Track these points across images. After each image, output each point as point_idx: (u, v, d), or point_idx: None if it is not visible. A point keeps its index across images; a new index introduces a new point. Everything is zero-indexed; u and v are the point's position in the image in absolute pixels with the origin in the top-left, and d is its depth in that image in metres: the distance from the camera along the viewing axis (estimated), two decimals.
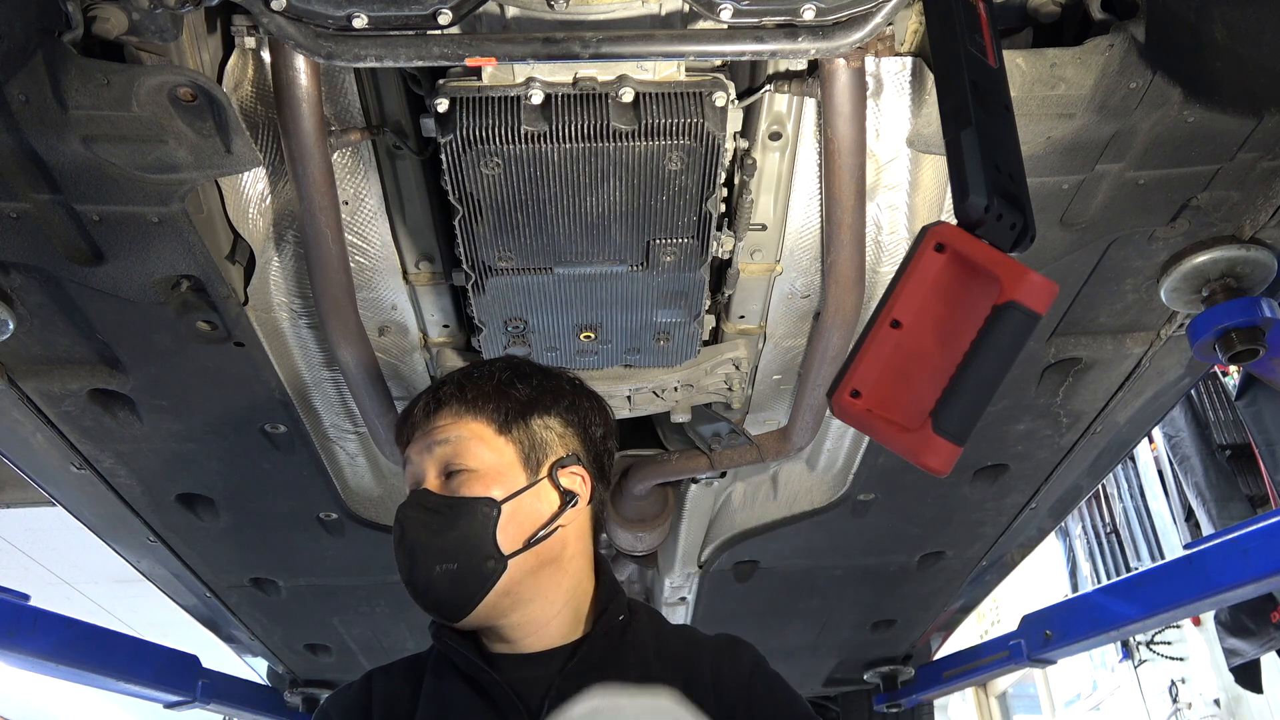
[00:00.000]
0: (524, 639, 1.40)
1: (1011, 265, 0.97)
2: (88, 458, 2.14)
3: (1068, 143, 1.51)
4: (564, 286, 1.70)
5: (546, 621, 1.40)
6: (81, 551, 6.36)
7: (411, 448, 1.46)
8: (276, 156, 1.57)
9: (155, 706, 3.21)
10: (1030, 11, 1.46)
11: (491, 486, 1.39)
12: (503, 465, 1.41)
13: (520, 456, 1.42)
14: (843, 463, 2.47)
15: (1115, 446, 2.42)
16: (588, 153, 1.43)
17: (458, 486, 1.39)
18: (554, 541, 1.41)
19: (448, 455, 1.41)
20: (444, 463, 1.42)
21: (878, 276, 1.78)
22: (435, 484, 1.42)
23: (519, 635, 1.40)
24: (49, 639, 2.59)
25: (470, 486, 1.39)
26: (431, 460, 1.42)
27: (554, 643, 1.40)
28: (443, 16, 1.24)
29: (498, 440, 1.42)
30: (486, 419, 1.43)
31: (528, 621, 1.39)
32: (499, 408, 1.44)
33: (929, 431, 0.97)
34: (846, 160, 1.52)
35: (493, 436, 1.42)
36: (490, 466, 1.40)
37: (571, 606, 1.43)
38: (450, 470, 1.41)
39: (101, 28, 1.27)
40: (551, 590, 1.41)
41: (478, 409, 1.43)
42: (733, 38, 1.30)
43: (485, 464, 1.40)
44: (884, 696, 3.84)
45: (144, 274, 1.63)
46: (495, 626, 1.39)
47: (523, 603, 1.38)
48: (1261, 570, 2.25)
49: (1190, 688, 6.61)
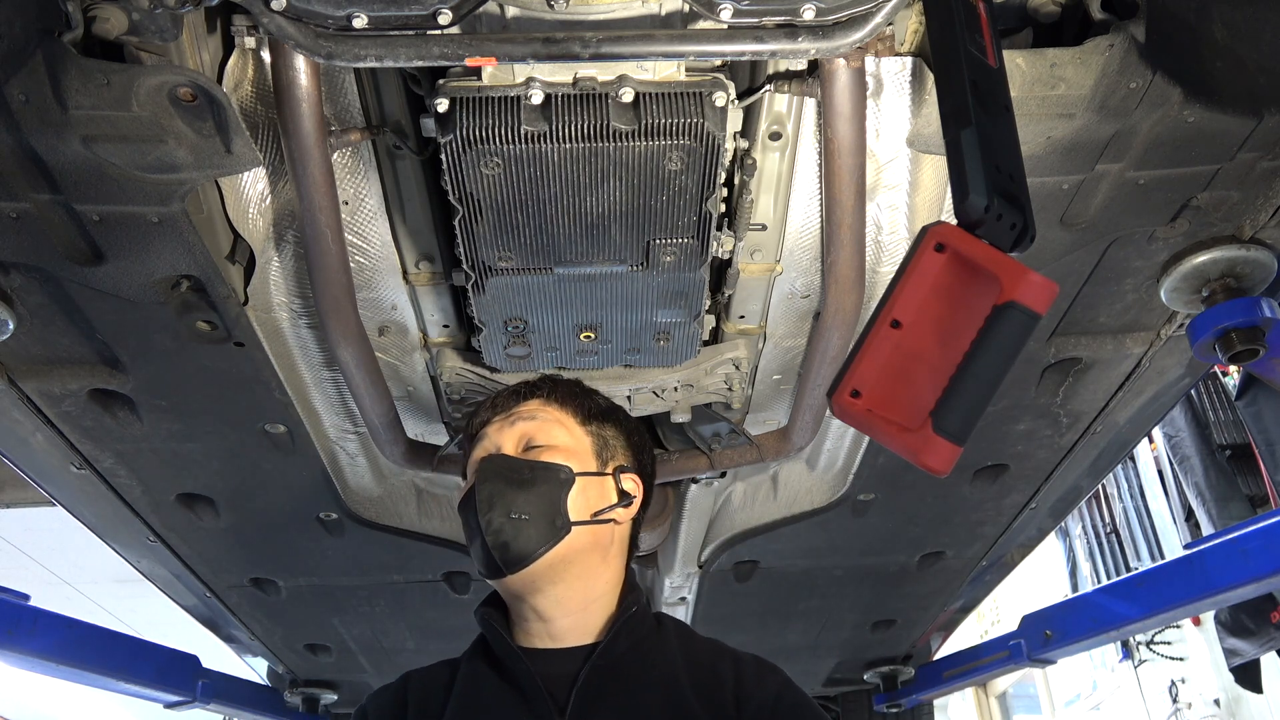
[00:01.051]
0: (559, 619, 1.46)
1: (1011, 265, 0.97)
2: (88, 458, 2.14)
3: (1068, 143, 1.51)
4: (564, 286, 1.70)
5: (584, 606, 1.47)
6: (81, 551, 6.36)
7: (489, 426, 1.55)
8: (276, 156, 1.57)
9: (155, 706, 3.21)
10: (1030, 11, 1.46)
11: (568, 460, 1.50)
12: (578, 449, 1.53)
13: (593, 449, 1.54)
14: (843, 463, 2.47)
15: (1115, 446, 2.42)
16: (588, 153, 1.43)
17: (535, 456, 1.50)
18: (605, 531, 1.50)
19: (530, 431, 1.52)
20: (525, 437, 1.52)
21: (878, 276, 1.78)
22: (513, 452, 1.51)
23: (555, 614, 1.46)
24: (49, 639, 2.59)
25: (549, 456, 1.49)
26: (512, 433, 1.52)
27: (582, 639, 1.47)
28: (443, 16, 1.24)
29: (578, 429, 1.55)
30: (572, 410, 1.56)
31: (568, 599, 1.46)
32: (583, 405, 1.58)
33: (929, 431, 0.97)
34: (846, 160, 1.52)
35: (574, 425, 1.55)
36: (568, 447, 1.52)
37: (604, 602, 1.50)
38: (530, 445, 1.51)
39: (101, 28, 1.27)
40: (594, 575, 1.49)
41: (564, 401, 1.57)
42: (733, 38, 1.30)
43: (563, 444, 1.52)
44: (884, 696, 3.84)
45: (144, 274, 1.63)
46: (539, 594, 1.45)
47: (570, 576, 1.46)
48: (1261, 570, 2.25)
49: (1190, 688, 6.61)
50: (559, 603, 1.46)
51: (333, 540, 2.55)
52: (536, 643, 1.47)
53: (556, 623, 1.47)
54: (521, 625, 1.49)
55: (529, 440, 1.52)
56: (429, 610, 3.07)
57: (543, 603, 1.46)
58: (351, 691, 3.77)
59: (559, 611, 1.46)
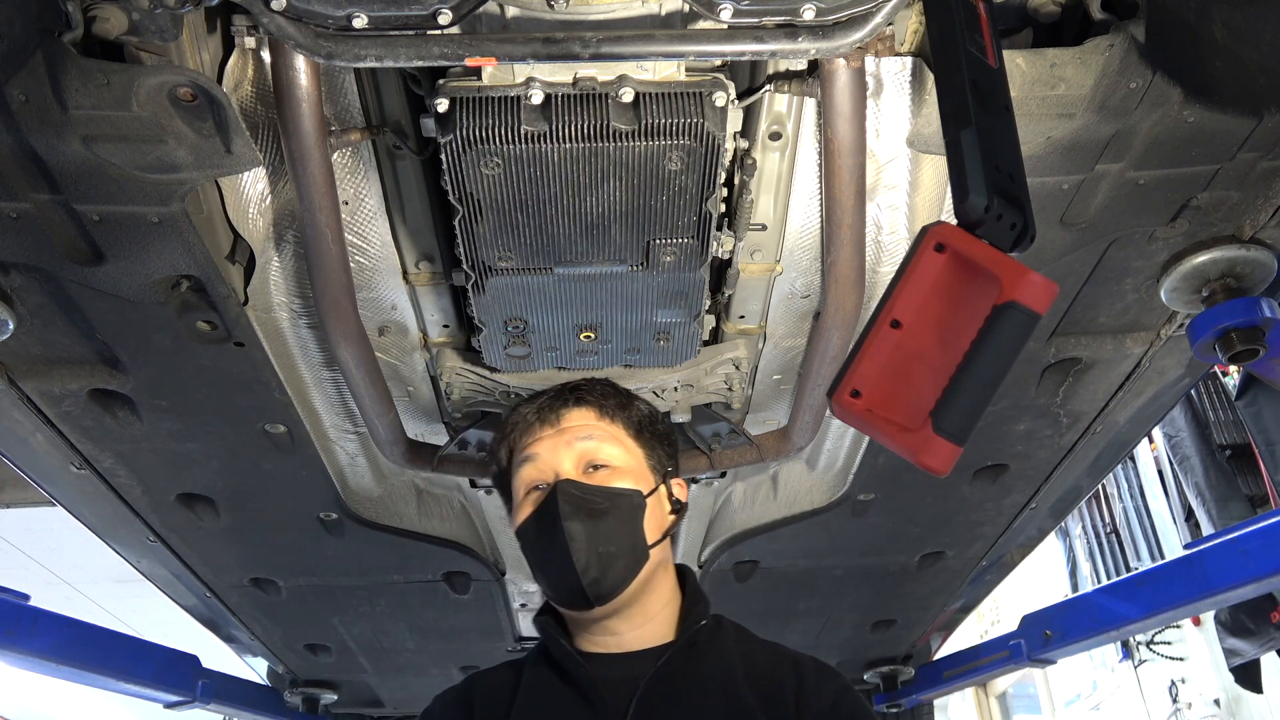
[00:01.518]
0: (627, 633, 1.49)
1: (1011, 265, 0.97)
2: (88, 458, 2.14)
3: (1068, 143, 1.51)
4: (564, 286, 1.70)
5: (654, 615, 1.50)
6: (81, 551, 6.36)
7: (542, 443, 1.54)
8: (276, 156, 1.57)
9: (155, 706, 3.21)
10: (1030, 11, 1.46)
11: (636, 482, 1.51)
12: (636, 466, 1.54)
13: (646, 461, 1.55)
14: (843, 463, 2.47)
15: (1115, 446, 2.42)
16: (588, 153, 1.43)
17: (603, 480, 1.50)
18: (668, 545, 1.54)
19: (590, 451, 1.52)
20: (586, 458, 1.52)
21: (878, 276, 1.78)
22: (578, 476, 1.50)
23: (625, 628, 1.49)
24: (49, 639, 2.59)
25: (616, 480, 1.50)
26: (571, 454, 1.52)
27: (646, 644, 1.49)
28: (443, 16, 1.24)
29: (631, 443, 1.56)
30: (622, 423, 1.57)
31: (640, 613, 1.49)
32: (632, 416, 1.58)
33: (929, 431, 0.97)
34: (846, 160, 1.52)
35: (627, 439, 1.56)
36: (628, 465, 1.53)
37: (670, 608, 1.53)
38: (593, 464, 1.51)
39: (101, 28, 1.27)
40: (662, 586, 1.53)
41: (614, 414, 1.57)
42: (733, 38, 1.30)
43: (624, 463, 1.53)
44: (884, 696, 3.84)
45: (144, 274, 1.63)
46: (616, 617, 1.47)
47: (647, 593, 1.49)
48: (1261, 570, 2.25)
49: (1190, 688, 6.61)
50: (630, 618, 1.49)
51: (333, 540, 2.55)
52: (599, 648, 1.49)
53: (625, 635, 1.49)
54: (586, 633, 1.51)
55: (590, 461, 1.51)
56: (429, 610, 3.07)
57: (616, 622, 1.49)
58: (351, 691, 3.77)
59: (629, 625, 1.49)
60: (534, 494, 1.52)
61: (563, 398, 1.58)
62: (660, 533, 1.51)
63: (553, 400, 1.59)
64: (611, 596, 1.44)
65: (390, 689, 3.77)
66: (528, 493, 1.53)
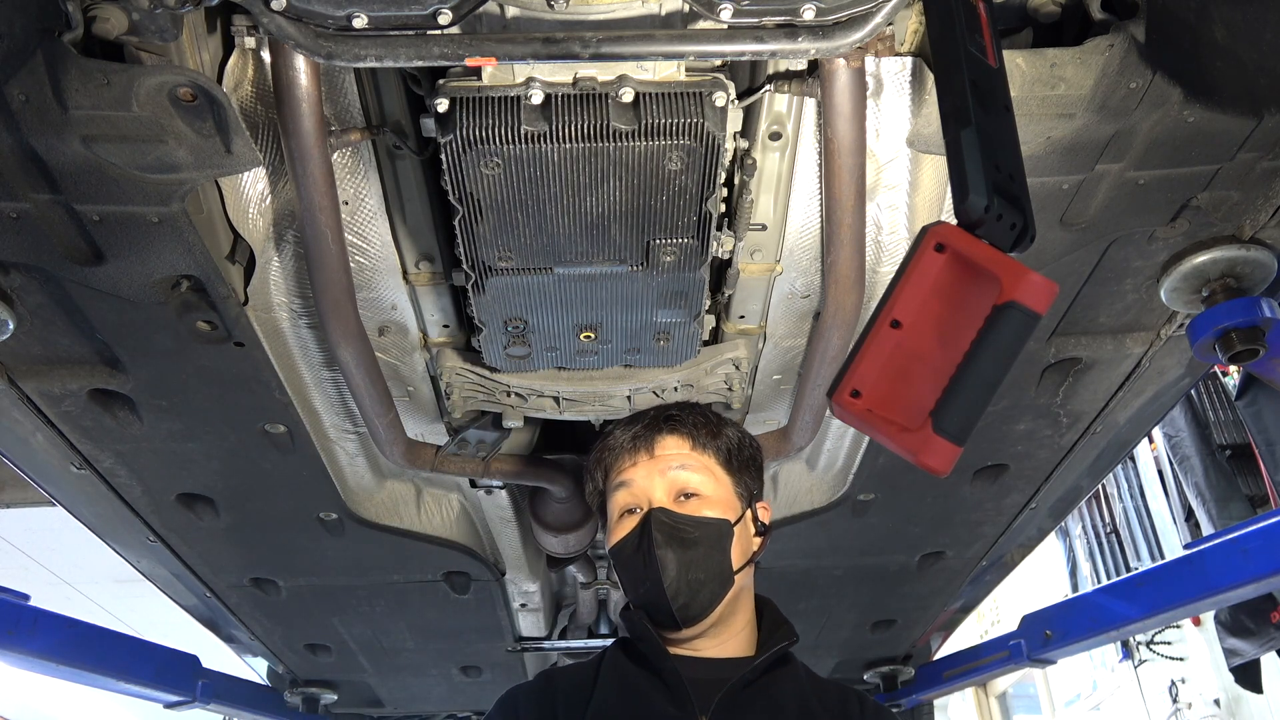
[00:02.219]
0: (707, 647, 1.56)
1: (1011, 265, 0.97)
2: (88, 458, 2.14)
3: (1068, 143, 1.51)
4: (564, 286, 1.70)
5: (735, 634, 1.58)
6: (81, 551, 6.35)
7: (637, 469, 1.60)
8: (276, 156, 1.57)
9: (155, 706, 3.21)
10: (1030, 11, 1.46)
11: (724, 511, 1.57)
12: (726, 495, 1.60)
13: (735, 490, 1.62)
14: (843, 463, 2.47)
15: (1115, 446, 2.42)
16: (588, 153, 1.43)
17: (694, 509, 1.56)
18: (751, 569, 1.61)
19: (682, 480, 1.59)
20: (678, 487, 1.58)
21: (878, 276, 1.78)
22: (670, 505, 1.57)
23: (706, 644, 1.56)
24: (49, 639, 2.59)
25: (706, 509, 1.56)
26: (664, 482, 1.58)
27: (724, 654, 1.57)
28: (443, 16, 1.24)
29: (722, 473, 1.61)
30: (714, 454, 1.62)
31: (723, 631, 1.57)
32: (722, 447, 1.63)
33: (929, 431, 0.97)
34: (846, 160, 1.52)
35: (718, 469, 1.62)
36: (718, 495, 1.59)
37: (750, 629, 1.61)
38: (685, 493, 1.58)
39: (101, 28, 1.27)
40: (744, 608, 1.61)
41: (706, 444, 1.62)
42: (733, 38, 1.30)
43: (714, 492, 1.59)
44: (884, 696, 3.84)
45: (144, 274, 1.63)
46: (700, 635, 1.55)
47: (729, 615, 1.57)
48: (1261, 570, 2.25)
49: (1190, 688, 6.60)
50: (714, 634, 1.56)
51: (333, 540, 2.55)
52: (687, 652, 1.56)
53: (705, 648, 1.57)
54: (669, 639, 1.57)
55: (681, 490, 1.58)
56: (429, 610, 3.07)
57: (699, 640, 1.56)
58: (351, 691, 3.77)
59: (712, 641, 1.57)
60: (628, 518, 1.59)
61: (657, 425, 1.64)
62: (745, 558, 1.58)
63: (647, 428, 1.64)
64: (698, 620, 1.52)
65: (390, 689, 3.77)
66: (621, 516, 1.60)
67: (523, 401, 2.07)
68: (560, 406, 2.09)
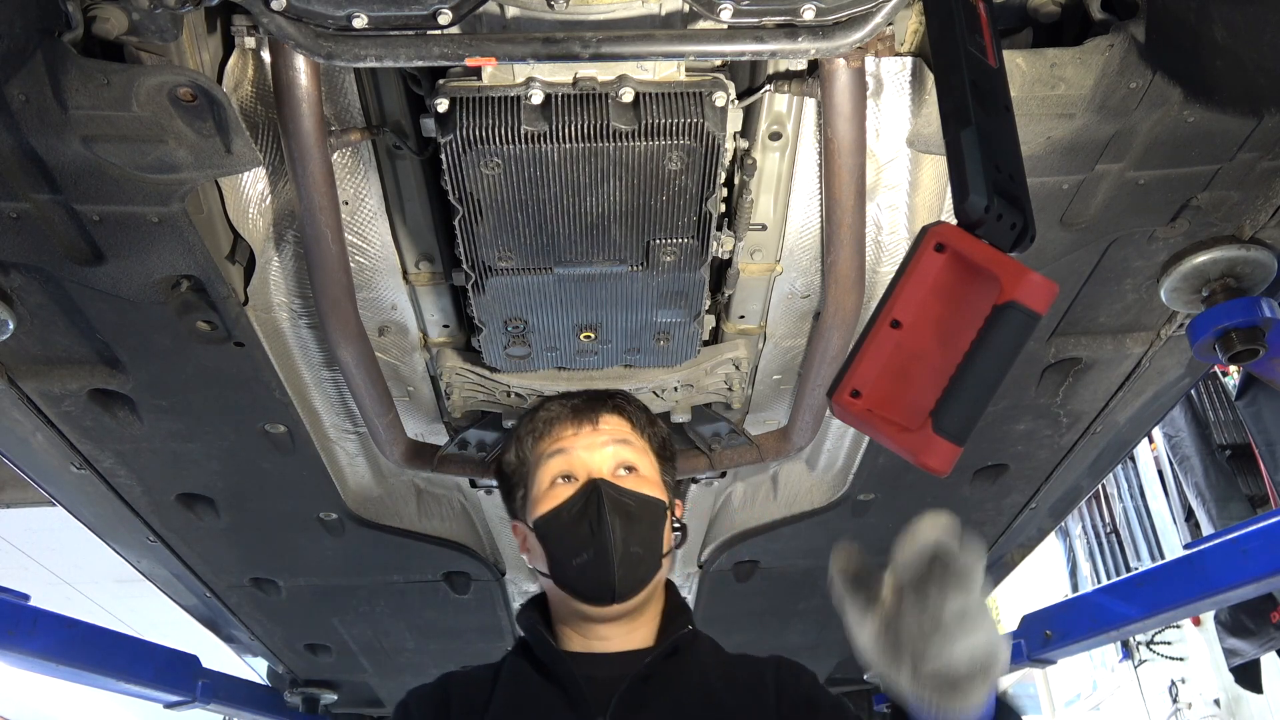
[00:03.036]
0: (616, 637, 1.53)
1: (1011, 265, 0.97)
2: (88, 458, 2.14)
3: (1068, 143, 1.51)
4: (564, 286, 1.70)
5: (646, 623, 1.55)
6: (81, 551, 6.35)
7: (577, 439, 1.58)
8: (276, 156, 1.57)
9: (155, 706, 3.21)
10: (1030, 11, 1.46)
11: (659, 494, 1.57)
12: (657, 481, 1.59)
13: (662, 478, 1.62)
14: (843, 463, 2.47)
15: (1115, 446, 2.42)
16: (588, 153, 1.43)
17: (635, 485, 1.55)
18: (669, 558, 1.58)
19: (626, 456, 1.57)
20: (621, 460, 1.57)
21: (878, 276, 1.78)
22: (611, 478, 1.55)
23: (617, 633, 1.53)
24: (49, 639, 2.59)
25: (645, 488, 1.55)
26: (605, 455, 1.56)
27: (628, 647, 1.53)
28: (443, 16, 1.24)
29: (654, 461, 1.62)
30: (649, 440, 1.63)
31: (636, 619, 1.54)
32: (656, 435, 1.65)
33: (929, 431, 0.97)
34: (846, 160, 1.52)
35: (652, 456, 1.62)
36: (653, 478, 1.59)
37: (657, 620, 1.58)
38: (627, 467, 1.56)
39: (101, 28, 1.27)
40: (659, 598, 1.59)
41: (644, 429, 1.63)
42: (733, 38, 1.30)
43: (651, 475, 1.59)
44: (883, 696, 3.84)
45: (144, 274, 1.63)
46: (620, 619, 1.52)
47: (648, 602, 1.54)
48: (1261, 570, 2.25)
49: (1190, 688, 6.61)
50: (627, 622, 1.53)
51: (333, 540, 2.55)
52: (579, 647, 1.53)
53: (612, 639, 1.53)
54: (572, 630, 1.55)
55: (624, 464, 1.57)
56: (429, 610, 3.07)
57: (612, 626, 1.53)
58: (351, 691, 3.77)
59: (622, 630, 1.53)
60: (561, 486, 1.55)
61: (600, 401, 1.63)
62: (670, 546, 1.57)
63: (590, 402, 1.62)
64: (631, 595, 1.49)
65: (390, 689, 3.78)
66: (554, 483, 1.56)
67: (522, 401, 2.07)
68: None
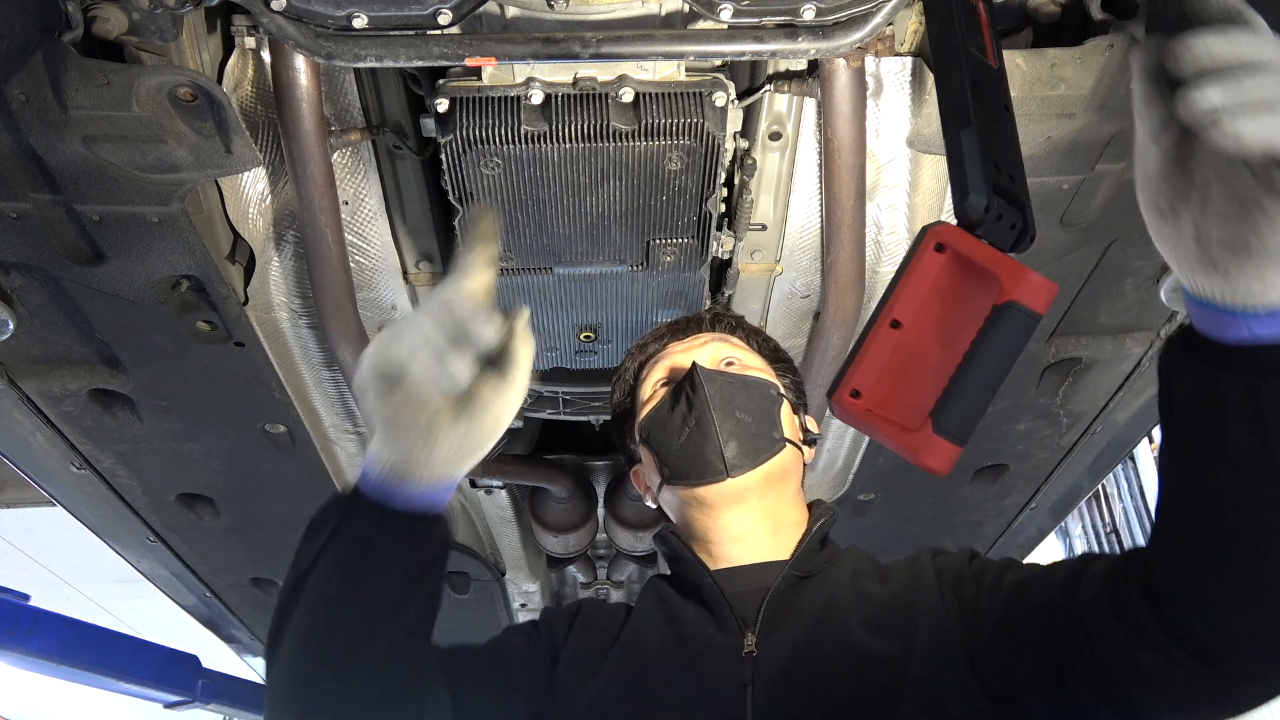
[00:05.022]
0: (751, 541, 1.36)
1: (1011, 265, 0.97)
2: (88, 458, 2.14)
3: (1068, 143, 1.51)
4: (564, 286, 1.70)
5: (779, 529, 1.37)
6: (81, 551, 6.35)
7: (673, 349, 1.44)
8: (276, 156, 1.57)
9: (155, 706, 3.21)
10: (1030, 11, 1.46)
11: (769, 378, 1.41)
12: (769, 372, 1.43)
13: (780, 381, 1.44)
14: (843, 463, 2.47)
15: (1115, 446, 2.42)
16: (588, 153, 1.43)
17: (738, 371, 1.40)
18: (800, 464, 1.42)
19: (726, 352, 1.42)
20: (723, 358, 1.41)
21: (878, 276, 1.78)
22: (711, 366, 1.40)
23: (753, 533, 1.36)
24: (49, 639, 2.59)
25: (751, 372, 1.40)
26: (704, 353, 1.41)
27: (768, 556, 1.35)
28: (443, 16, 1.24)
29: (769, 366, 1.45)
30: (756, 347, 1.47)
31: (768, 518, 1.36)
32: (767, 343, 1.49)
33: (929, 431, 0.96)
34: (846, 160, 1.52)
35: (764, 363, 1.45)
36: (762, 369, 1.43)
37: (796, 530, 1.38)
38: (729, 362, 1.41)
39: (101, 28, 1.27)
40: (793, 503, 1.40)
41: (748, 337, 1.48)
42: (733, 38, 1.30)
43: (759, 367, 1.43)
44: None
45: (144, 274, 1.63)
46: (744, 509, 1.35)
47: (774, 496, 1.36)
48: None
49: None
50: (756, 521, 1.36)
51: None
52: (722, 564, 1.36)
53: (748, 544, 1.36)
54: (709, 547, 1.38)
55: (727, 360, 1.41)
56: None
57: (741, 520, 1.35)
58: None
59: (755, 531, 1.36)
60: (661, 389, 1.42)
61: (695, 319, 1.49)
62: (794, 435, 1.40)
63: (689, 319, 1.49)
64: (746, 467, 1.33)
65: None
66: (655, 390, 1.43)
67: (523, 402, 2.07)
68: (561, 407, 2.09)
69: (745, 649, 1.25)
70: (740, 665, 1.23)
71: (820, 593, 1.31)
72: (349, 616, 1.02)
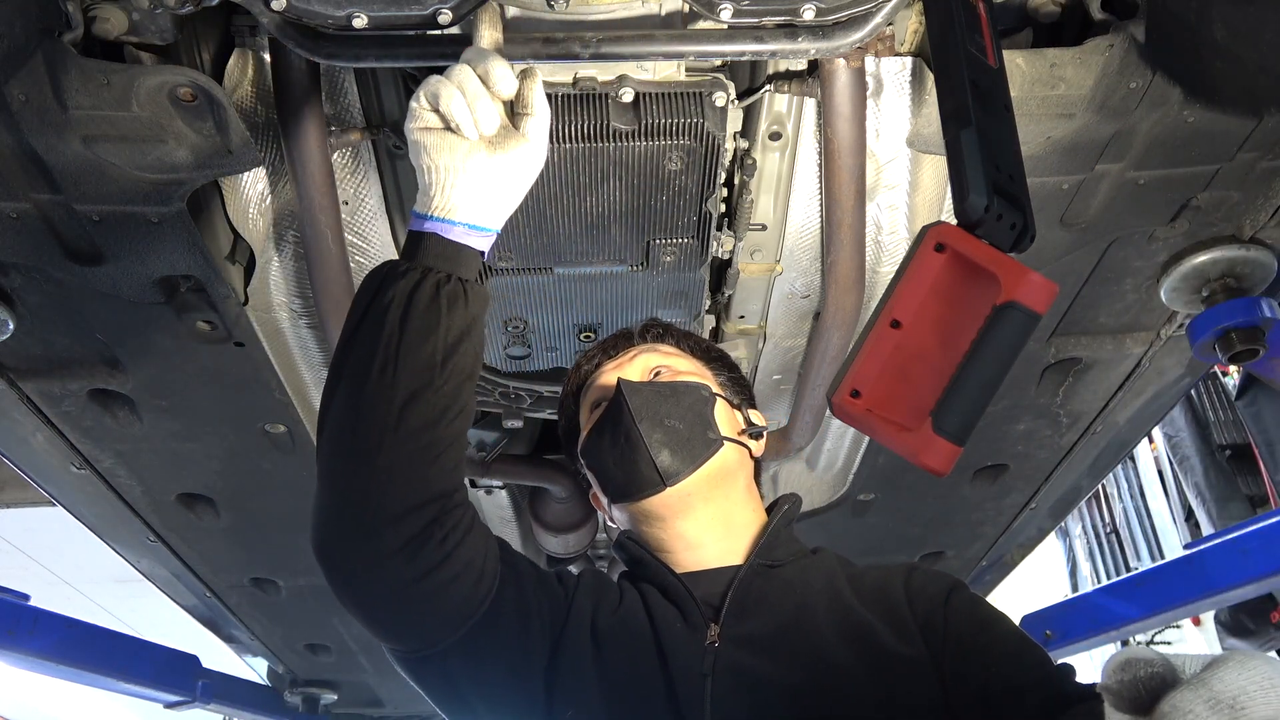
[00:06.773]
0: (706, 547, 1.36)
1: (1011, 265, 0.97)
2: (88, 458, 2.14)
3: (1068, 143, 1.51)
4: (564, 286, 1.70)
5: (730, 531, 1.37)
6: (81, 551, 6.35)
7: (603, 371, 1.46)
8: (276, 156, 1.57)
9: (155, 706, 3.21)
10: (1030, 11, 1.46)
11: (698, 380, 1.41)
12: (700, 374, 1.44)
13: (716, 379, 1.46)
14: (843, 463, 2.47)
15: (1115, 446, 2.42)
16: (588, 153, 1.43)
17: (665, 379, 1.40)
18: (747, 461, 1.42)
19: (654, 362, 1.43)
20: (651, 368, 1.42)
21: (878, 276, 1.78)
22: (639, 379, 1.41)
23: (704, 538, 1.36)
24: (49, 639, 2.59)
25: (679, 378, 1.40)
26: (633, 368, 1.42)
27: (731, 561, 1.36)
28: (443, 16, 1.24)
29: (703, 367, 1.46)
30: (687, 349, 1.49)
31: (716, 522, 1.36)
32: (698, 344, 1.51)
33: (929, 431, 0.96)
34: (846, 160, 1.52)
35: (693, 360, 1.47)
36: (697, 373, 1.43)
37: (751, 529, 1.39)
38: (657, 371, 1.41)
39: (101, 28, 1.28)
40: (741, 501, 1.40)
41: (678, 340, 1.49)
42: (733, 38, 1.30)
43: (692, 370, 1.43)
44: None
45: (144, 274, 1.63)
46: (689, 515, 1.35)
47: (720, 497, 1.36)
48: (1261, 570, 2.26)
49: None
50: (707, 526, 1.36)
51: None
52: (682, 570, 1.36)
53: (705, 549, 1.36)
54: (667, 556, 1.38)
55: (655, 370, 1.41)
56: None
57: (691, 526, 1.36)
58: (351, 691, 3.77)
59: (708, 536, 1.36)
60: (596, 411, 1.42)
61: (623, 335, 1.50)
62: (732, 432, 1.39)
63: (616, 337, 1.50)
64: (681, 473, 1.32)
65: (390, 689, 3.77)
66: (591, 413, 1.43)
67: (523, 402, 2.07)
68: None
69: (709, 639, 1.26)
70: (701, 656, 1.25)
71: (793, 592, 1.32)
72: (406, 361, 1.10)
